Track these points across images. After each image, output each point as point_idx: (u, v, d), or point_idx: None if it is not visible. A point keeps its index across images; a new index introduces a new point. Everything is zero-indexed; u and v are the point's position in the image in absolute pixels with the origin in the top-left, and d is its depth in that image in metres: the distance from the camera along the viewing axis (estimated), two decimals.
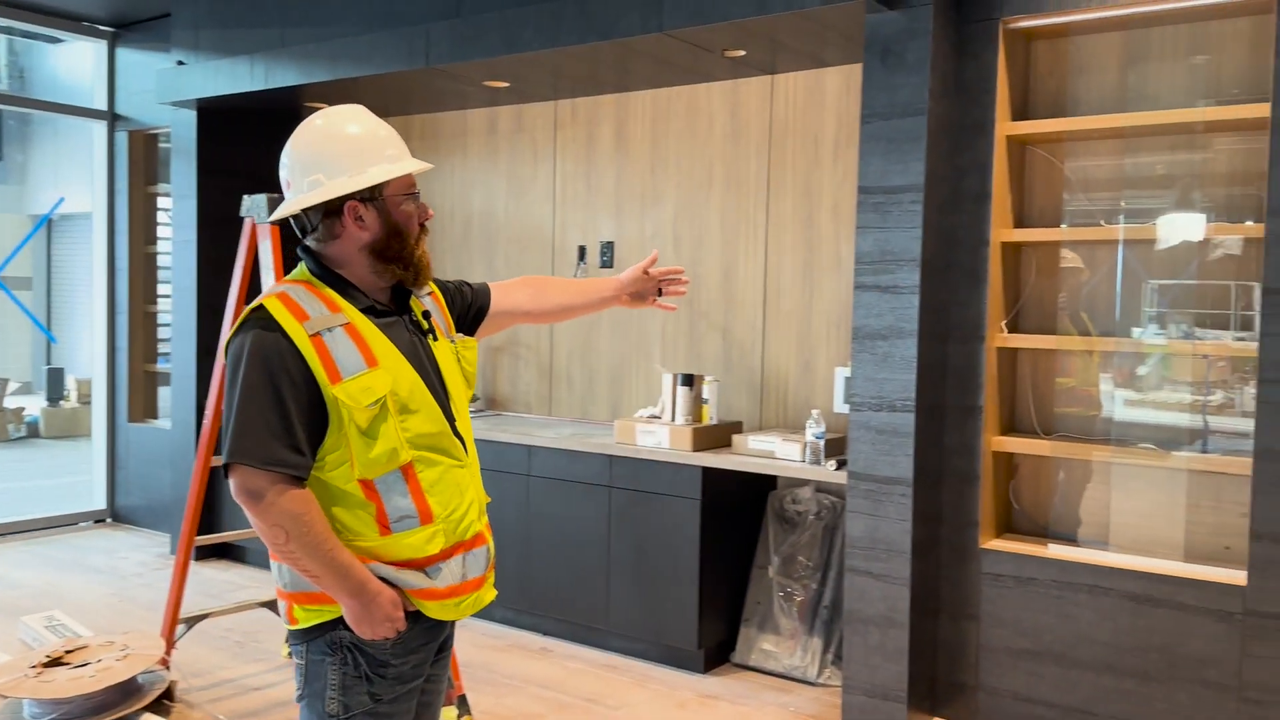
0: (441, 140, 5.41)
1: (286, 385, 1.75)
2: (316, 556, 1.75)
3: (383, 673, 1.85)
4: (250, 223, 3.67)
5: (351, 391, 1.77)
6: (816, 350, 4.28)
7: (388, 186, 1.88)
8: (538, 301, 2.33)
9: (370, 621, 1.79)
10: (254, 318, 1.78)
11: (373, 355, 1.82)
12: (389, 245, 1.89)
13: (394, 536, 1.82)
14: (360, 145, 1.88)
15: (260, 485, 1.73)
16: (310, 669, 1.85)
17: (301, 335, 1.77)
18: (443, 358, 1.97)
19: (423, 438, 1.85)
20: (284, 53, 4.89)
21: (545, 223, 5.06)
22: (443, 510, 1.86)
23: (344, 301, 1.85)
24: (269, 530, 1.75)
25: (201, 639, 4.26)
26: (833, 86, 4.21)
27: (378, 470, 1.80)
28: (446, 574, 1.87)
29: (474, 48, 4.23)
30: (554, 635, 4.44)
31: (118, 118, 6.33)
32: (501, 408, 5.25)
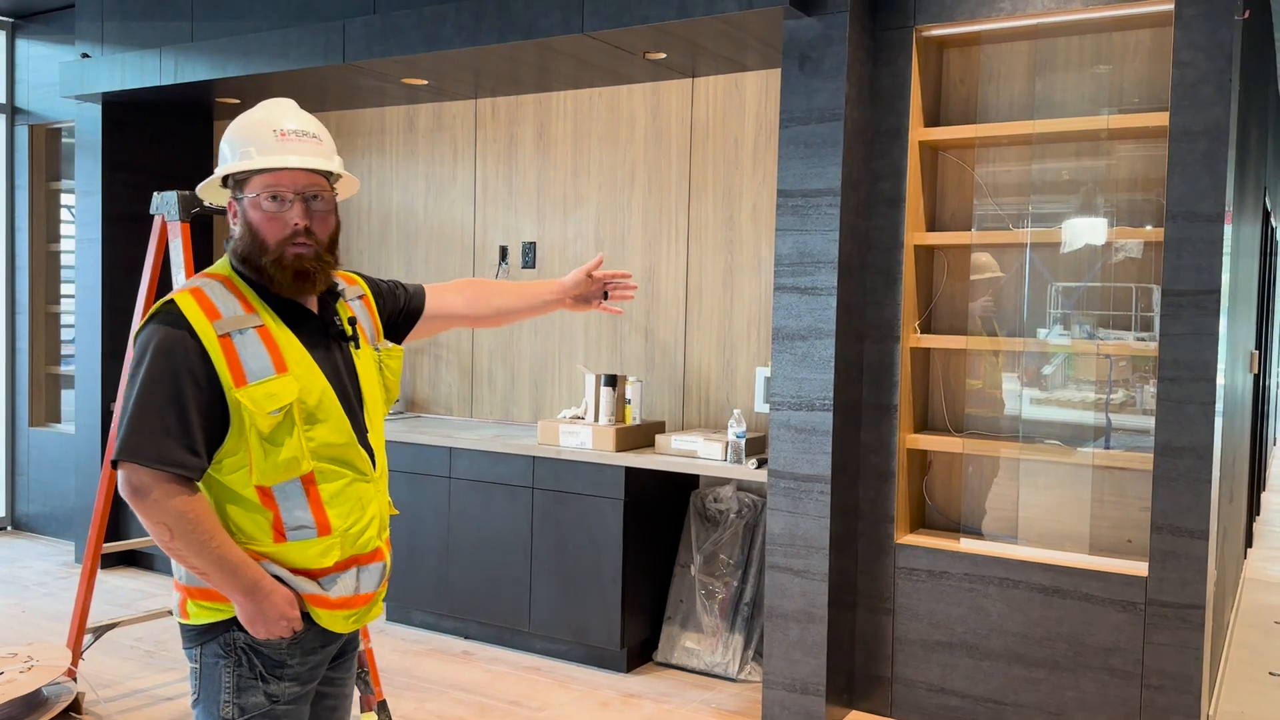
0: (359, 138, 5.32)
1: (188, 384, 1.70)
2: (204, 554, 1.70)
3: (279, 673, 1.80)
4: (160, 220, 3.56)
5: (255, 397, 1.72)
6: (737, 350, 4.33)
7: (249, 184, 1.78)
8: (475, 306, 2.27)
9: (264, 620, 1.75)
10: (163, 312, 1.73)
11: (283, 360, 1.76)
12: (241, 247, 1.79)
13: (289, 545, 1.77)
14: (236, 135, 1.82)
15: (147, 483, 1.68)
16: (205, 671, 1.80)
17: (210, 334, 1.72)
18: (363, 366, 1.91)
19: (327, 448, 1.79)
20: (194, 47, 4.76)
21: (466, 222, 5.02)
22: (341, 523, 1.81)
23: (259, 302, 1.79)
24: (154, 528, 1.71)
25: (110, 649, 4.13)
26: (752, 90, 4.26)
27: (276, 478, 1.75)
28: (339, 586, 1.83)
29: (391, 44, 4.18)
30: (476, 639, 4.40)
31: (17, 111, 6.09)
32: (422, 409, 5.19)
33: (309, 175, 1.80)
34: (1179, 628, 3.16)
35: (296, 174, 1.78)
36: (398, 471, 4.44)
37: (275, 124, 1.81)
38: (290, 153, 1.78)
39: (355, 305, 1.98)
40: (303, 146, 1.81)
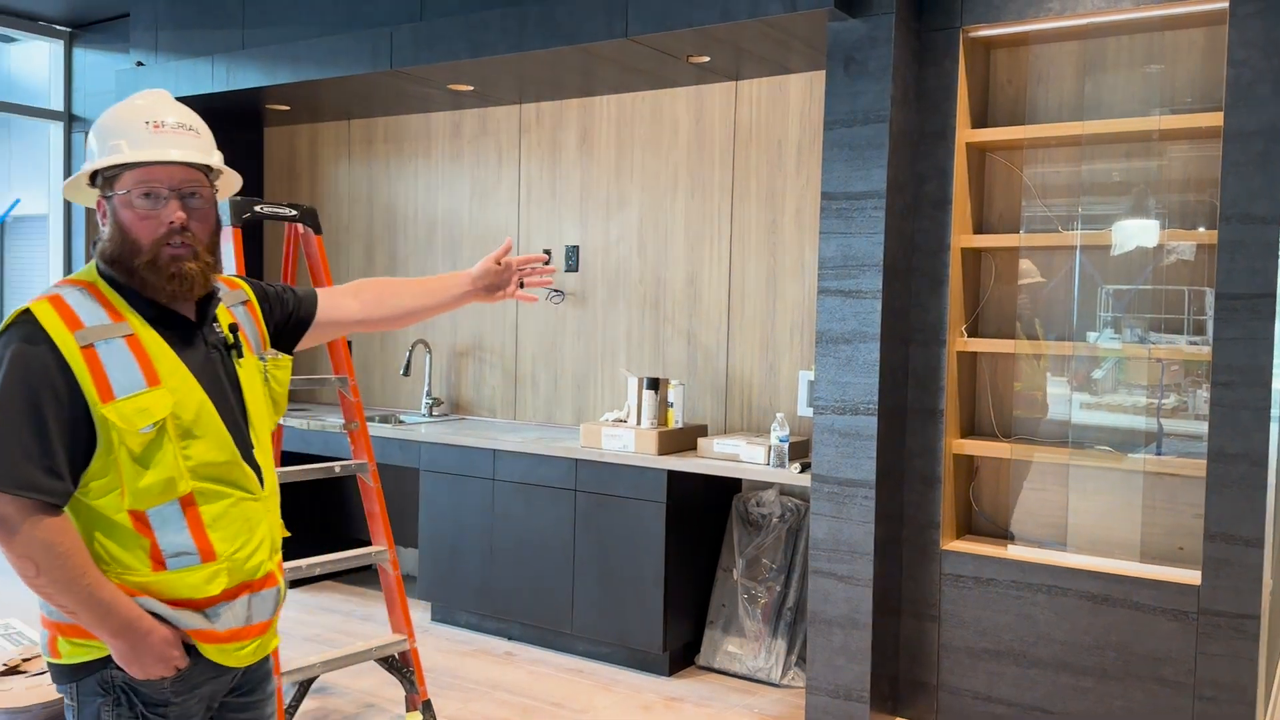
0: (405, 143, 5.39)
1: (48, 401, 1.55)
2: (72, 592, 1.57)
3: (163, 713, 1.66)
4: None
5: (125, 412, 1.58)
6: (780, 354, 4.31)
7: (119, 180, 1.63)
8: (372, 309, 2.09)
9: (140, 663, 1.62)
10: (18, 323, 1.58)
11: (155, 372, 1.62)
12: (110, 249, 1.65)
13: (169, 574, 1.63)
14: (104, 129, 1.68)
15: (9, 513, 1.53)
16: (82, 709, 1.67)
17: (71, 345, 1.57)
18: (247, 377, 1.78)
19: (207, 467, 1.66)
20: (245, 54, 4.85)
21: (510, 226, 5.05)
22: (227, 548, 1.67)
23: (128, 309, 1.64)
24: (17, 562, 1.56)
25: None
26: (796, 93, 4.25)
27: (151, 501, 1.61)
28: (228, 617, 1.69)
29: (437, 51, 4.22)
30: (518, 640, 4.43)
31: (75, 118, 6.24)
32: (466, 412, 5.24)
33: (186, 170, 1.66)
34: (1232, 638, 3.09)
35: (172, 169, 1.64)
36: (442, 473, 4.49)
37: (148, 115, 1.66)
38: (166, 146, 1.64)
39: (238, 311, 1.84)
40: (179, 139, 1.66)
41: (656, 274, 4.62)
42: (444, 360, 5.29)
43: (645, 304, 4.66)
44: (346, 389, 3.66)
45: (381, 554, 3.58)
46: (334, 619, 4.71)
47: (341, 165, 5.64)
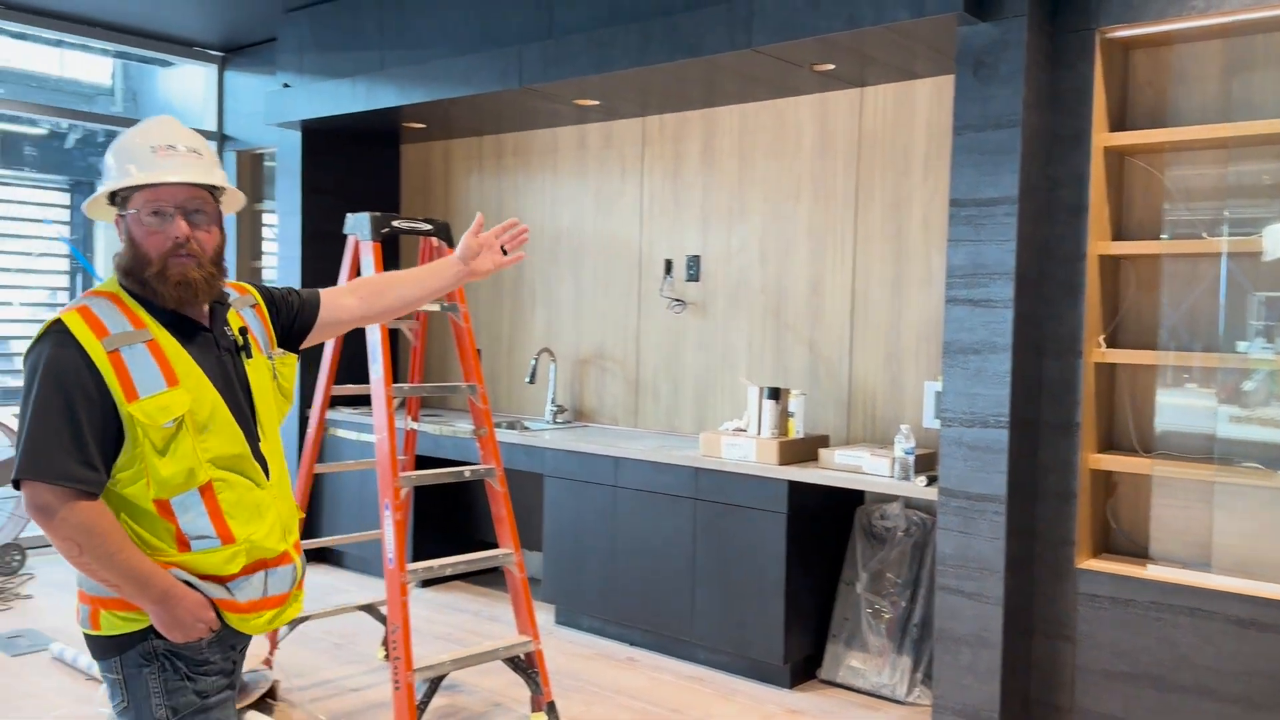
0: (533, 157, 5.53)
1: (80, 401, 1.72)
2: (112, 567, 1.74)
3: (205, 670, 1.85)
4: (353, 239, 3.81)
5: (148, 410, 1.75)
6: (905, 364, 4.24)
7: (131, 200, 1.82)
8: (370, 303, 2.22)
9: (180, 626, 1.79)
10: (51, 332, 1.76)
11: (173, 373, 1.79)
12: (124, 262, 1.84)
13: (194, 555, 1.81)
14: (118, 153, 1.85)
15: (50, 501, 1.71)
16: (129, 681, 1.83)
17: (98, 350, 1.75)
18: (255, 376, 1.94)
19: (223, 459, 1.83)
20: (384, 75, 5.06)
21: (632, 237, 5.12)
22: (243, 531, 1.84)
23: (148, 316, 1.82)
24: (61, 544, 1.73)
25: (302, 640, 4.42)
26: (923, 98, 4.18)
27: (173, 490, 1.78)
28: (248, 590, 1.86)
29: (564, 68, 4.32)
30: (640, 645, 4.48)
31: (226, 138, 6.63)
32: (588, 419, 5.33)
33: (190, 189, 1.83)
34: None
35: (177, 189, 1.82)
36: (565, 479, 4.58)
37: (154, 140, 1.84)
38: (169, 168, 1.82)
39: (247, 314, 2.00)
40: (183, 161, 1.84)
41: (778, 283, 4.61)
42: (568, 369, 5.39)
43: (766, 313, 4.66)
44: (476, 396, 3.78)
45: (508, 556, 3.68)
46: (463, 618, 4.85)
47: (473, 180, 5.82)
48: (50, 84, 12.51)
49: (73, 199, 14.70)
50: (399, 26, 5.17)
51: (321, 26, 5.57)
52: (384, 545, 3.39)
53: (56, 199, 14.51)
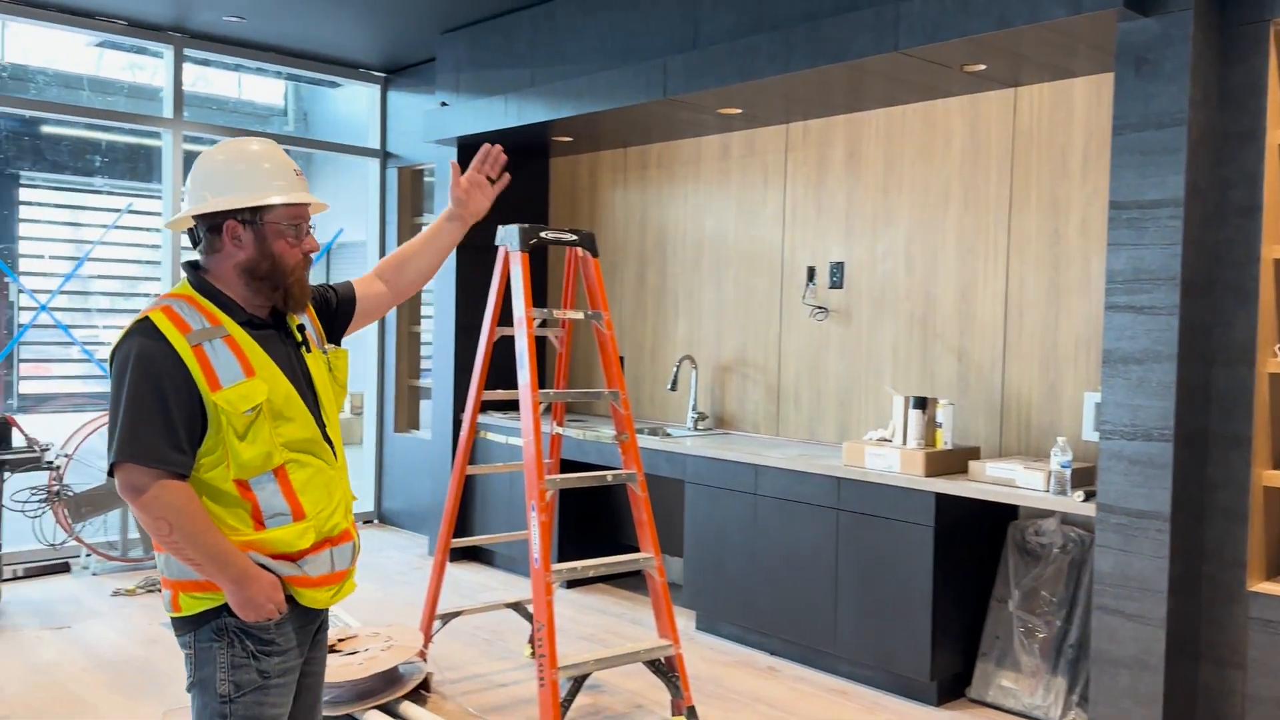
0: (677, 167, 5.59)
1: (170, 390, 1.87)
2: (198, 546, 1.88)
3: (269, 650, 1.98)
4: (504, 250, 3.95)
5: (230, 399, 1.90)
6: (1062, 373, 4.08)
7: (269, 213, 2.01)
8: (396, 282, 2.38)
9: (253, 605, 1.93)
10: (139, 328, 1.92)
11: (250, 366, 1.95)
12: (259, 267, 2.01)
13: (268, 532, 1.95)
14: (249, 171, 2.02)
15: (144, 482, 1.86)
16: (200, 655, 1.98)
17: (184, 345, 1.90)
18: (315, 368, 2.10)
19: (296, 442, 1.99)
20: (534, 91, 5.23)
21: (774, 244, 5.11)
22: (313, 508, 2.00)
23: (223, 315, 1.98)
24: (153, 523, 1.87)
25: (454, 635, 4.60)
26: (1081, 97, 4.02)
27: (253, 471, 1.93)
28: (317, 565, 2.01)
29: (709, 77, 4.36)
30: (780, 655, 4.45)
31: (389, 155, 6.97)
32: (729, 426, 5.34)
33: (306, 210, 2.07)
34: None
35: (304, 208, 2.05)
36: (706, 486, 4.60)
37: (289, 164, 2.06)
38: (305, 191, 2.06)
39: (300, 314, 2.15)
40: (304, 185, 2.08)
41: (925, 289, 4.51)
42: (709, 375, 5.42)
43: (913, 320, 4.56)
44: (618, 402, 3.85)
45: (649, 561, 3.74)
46: (606, 620, 4.94)
47: (618, 191, 5.93)
48: (229, 106, 13.43)
49: None
50: (549, 44, 5.33)
51: (476, 46, 5.79)
52: (530, 545, 3.50)
53: None
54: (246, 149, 2.06)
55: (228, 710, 1.96)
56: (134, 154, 12.25)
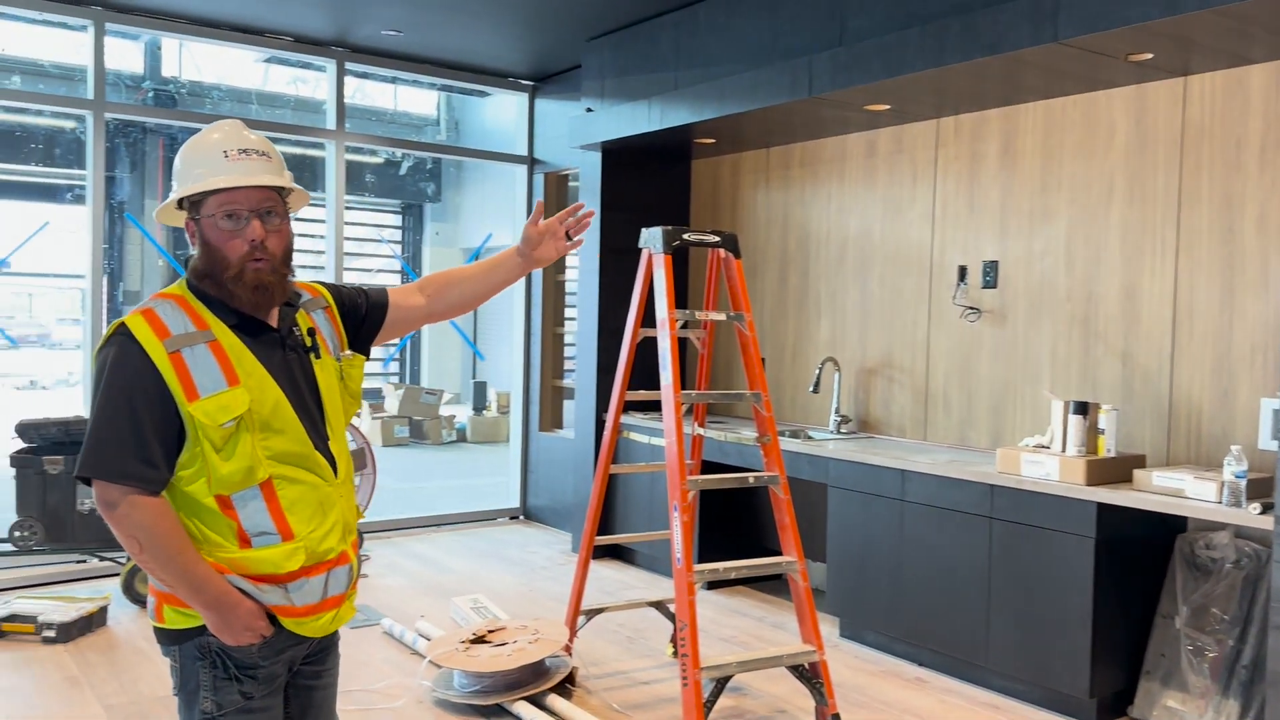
0: (821, 166, 5.52)
1: (141, 401, 1.76)
2: (170, 569, 1.77)
3: (253, 674, 1.88)
4: (647, 252, 3.99)
5: (208, 409, 1.77)
6: (1237, 378, 3.83)
7: (204, 204, 1.84)
8: (436, 301, 2.22)
9: (230, 631, 1.82)
10: (116, 335, 1.80)
11: (234, 373, 1.81)
12: (199, 265, 1.86)
13: (254, 551, 1.83)
14: (187, 159, 1.88)
15: (114, 497, 1.75)
16: (184, 670, 1.89)
17: (159, 352, 1.78)
18: (323, 376, 1.95)
19: (285, 455, 1.84)
20: (677, 94, 5.26)
21: (923, 243, 4.98)
22: (303, 529, 1.86)
23: (212, 317, 1.84)
24: (124, 539, 1.78)
25: (597, 631, 4.67)
26: (1258, 85, 3.76)
27: (233, 486, 1.81)
28: (307, 592, 1.88)
29: (856, 74, 4.29)
30: (929, 666, 4.33)
31: (535, 161, 7.14)
32: (874, 430, 5.23)
33: (262, 192, 1.85)
34: None
35: (250, 192, 1.84)
36: (850, 490, 4.52)
37: (224, 145, 1.86)
38: (241, 171, 1.84)
39: (318, 316, 2.02)
40: (253, 165, 1.85)
41: (1086, 289, 4.31)
42: (852, 378, 5.32)
43: (1072, 321, 4.36)
44: (760, 404, 3.83)
45: (791, 565, 3.70)
46: (747, 623, 4.92)
47: (760, 191, 5.90)
48: (387, 117, 14.04)
49: (403, 220, 16.39)
50: (693, 47, 5.36)
51: (621, 52, 5.87)
52: (672, 545, 3.52)
53: (390, 220, 16.23)
54: (201, 139, 1.90)
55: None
56: (299, 164, 12.96)
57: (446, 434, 12.39)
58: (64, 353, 21.05)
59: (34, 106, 6.46)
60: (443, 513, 7.14)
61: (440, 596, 5.24)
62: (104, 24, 5.59)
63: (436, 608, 5.04)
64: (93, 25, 5.57)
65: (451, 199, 15.28)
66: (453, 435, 12.46)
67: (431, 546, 6.39)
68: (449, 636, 4.09)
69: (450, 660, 3.83)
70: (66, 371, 19.22)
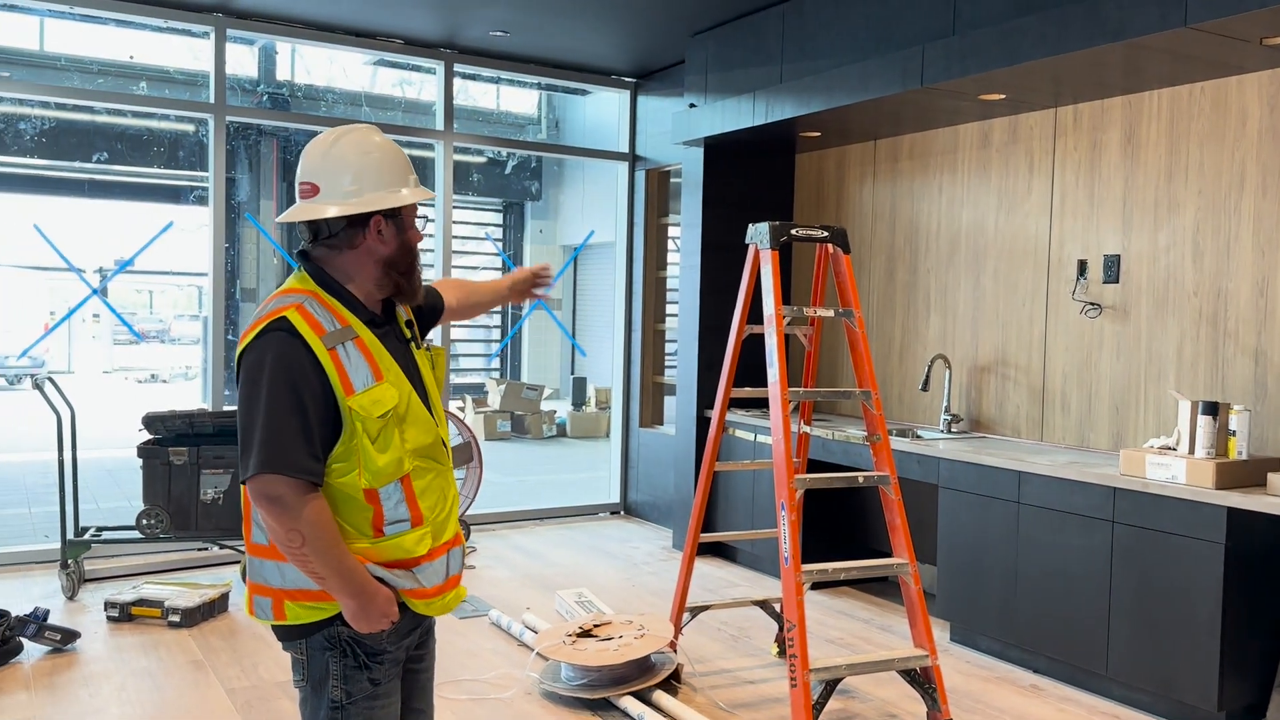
0: (931, 158, 5.39)
1: (308, 395, 1.80)
2: (328, 560, 1.81)
3: (380, 660, 1.94)
4: (753, 247, 3.95)
5: (364, 404, 1.83)
6: None
7: (406, 207, 1.97)
8: (462, 304, 2.41)
9: (368, 619, 1.87)
10: (276, 328, 1.82)
11: (379, 369, 1.88)
12: (399, 261, 1.96)
13: (387, 540, 1.89)
14: (393, 164, 1.97)
15: (284, 492, 1.78)
16: (311, 661, 1.94)
17: (321, 348, 1.83)
18: (424, 366, 2.05)
19: (420, 448, 1.93)
20: (782, 88, 5.20)
21: (1040, 237, 4.81)
22: (431, 514, 1.94)
23: (350, 314, 1.91)
24: (286, 535, 1.79)
25: (700, 628, 4.66)
26: None
27: (385, 479, 1.87)
28: (432, 573, 1.96)
29: (970, 63, 4.17)
30: (1045, 673, 4.20)
31: (637, 158, 7.15)
32: (986, 430, 5.08)
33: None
34: None
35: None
36: (962, 491, 4.41)
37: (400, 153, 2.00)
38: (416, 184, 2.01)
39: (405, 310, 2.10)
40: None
41: (1215, 284, 4.11)
42: (964, 375, 5.19)
43: (1201, 318, 4.17)
44: (870, 402, 3.76)
45: (903, 567, 3.62)
46: (854, 625, 4.85)
47: (866, 185, 5.80)
48: (490, 117, 14.27)
49: (505, 218, 16.63)
50: (798, 39, 5.29)
51: (725, 46, 5.83)
52: (780, 545, 3.49)
53: (491, 218, 16.49)
54: (374, 141, 1.98)
55: (340, 716, 1.94)
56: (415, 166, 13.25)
57: (547, 429, 12.53)
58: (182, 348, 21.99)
59: (159, 111, 6.76)
60: (545, 506, 7.22)
61: (544, 589, 5.30)
62: (225, 30, 5.81)
63: (541, 600, 5.10)
64: (214, 31, 5.79)
65: (551, 197, 15.44)
66: (553, 430, 12.60)
67: (534, 539, 6.47)
68: (556, 630, 4.13)
69: (557, 653, 3.87)
70: (185, 366, 20.09)
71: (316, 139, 1.99)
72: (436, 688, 3.90)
